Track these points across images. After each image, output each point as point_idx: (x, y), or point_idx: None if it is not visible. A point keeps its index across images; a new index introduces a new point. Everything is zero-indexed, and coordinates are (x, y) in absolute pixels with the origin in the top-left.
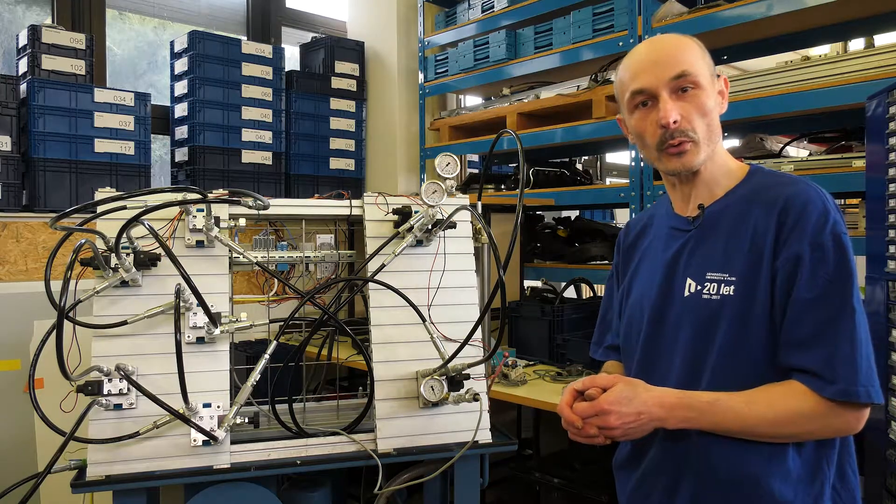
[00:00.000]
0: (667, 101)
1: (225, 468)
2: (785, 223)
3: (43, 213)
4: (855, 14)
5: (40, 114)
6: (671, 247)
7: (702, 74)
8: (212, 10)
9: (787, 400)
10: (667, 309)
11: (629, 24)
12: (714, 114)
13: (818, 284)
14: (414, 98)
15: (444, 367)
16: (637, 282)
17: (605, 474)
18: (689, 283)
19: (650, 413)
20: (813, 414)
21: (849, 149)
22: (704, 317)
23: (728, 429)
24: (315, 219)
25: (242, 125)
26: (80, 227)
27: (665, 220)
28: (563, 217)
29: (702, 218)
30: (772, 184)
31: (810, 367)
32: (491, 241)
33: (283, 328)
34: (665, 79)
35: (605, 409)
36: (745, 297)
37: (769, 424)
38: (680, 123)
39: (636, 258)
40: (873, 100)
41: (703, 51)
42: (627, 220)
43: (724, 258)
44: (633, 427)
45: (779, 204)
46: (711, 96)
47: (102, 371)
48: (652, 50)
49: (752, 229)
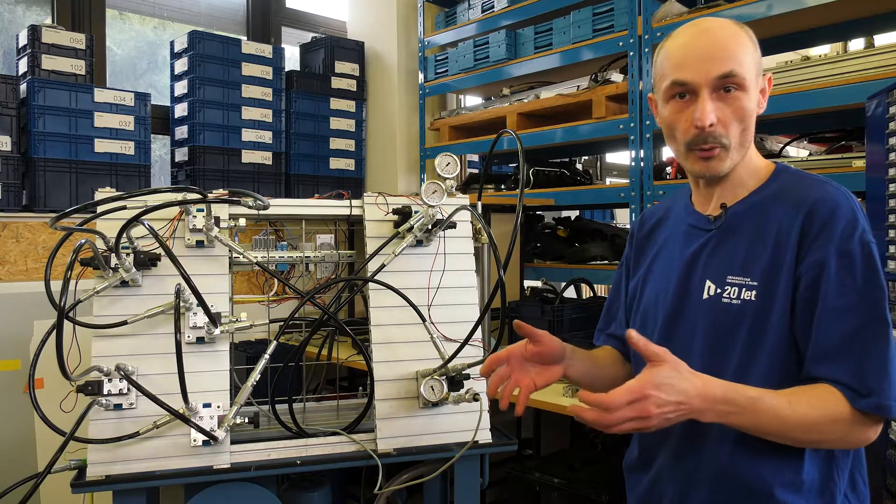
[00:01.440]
0: (706, 100)
1: (225, 468)
2: (811, 228)
3: (43, 213)
4: (855, 14)
5: (40, 114)
6: (690, 246)
7: (748, 74)
8: (212, 10)
9: (828, 403)
10: (683, 310)
11: (629, 24)
12: (752, 117)
13: (847, 293)
14: (414, 98)
15: (444, 367)
16: (652, 278)
17: (605, 474)
18: (707, 286)
19: (690, 404)
20: (845, 422)
21: (849, 149)
22: (723, 322)
23: (765, 428)
24: (315, 219)
25: (242, 125)
26: (80, 227)
27: (683, 217)
28: (563, 217)
29: (724, 218)
30: (798, 185)
31: (840, 379)
32: (491, 241)
33: (283, 328)
34: (711, 76)
35: (646, 394)
36: (766, 302)
37: (807, 427)
38: (715, 127)
39: (651, 253)
40: (873, 100)
41: (755, 45)
42: (643, 211)
43: (745, 262)
44: (671, 417)
45: (804, 207)
46: (753, 98)
47: (102, 371)
48: (701, 39)
49: (776, 233)
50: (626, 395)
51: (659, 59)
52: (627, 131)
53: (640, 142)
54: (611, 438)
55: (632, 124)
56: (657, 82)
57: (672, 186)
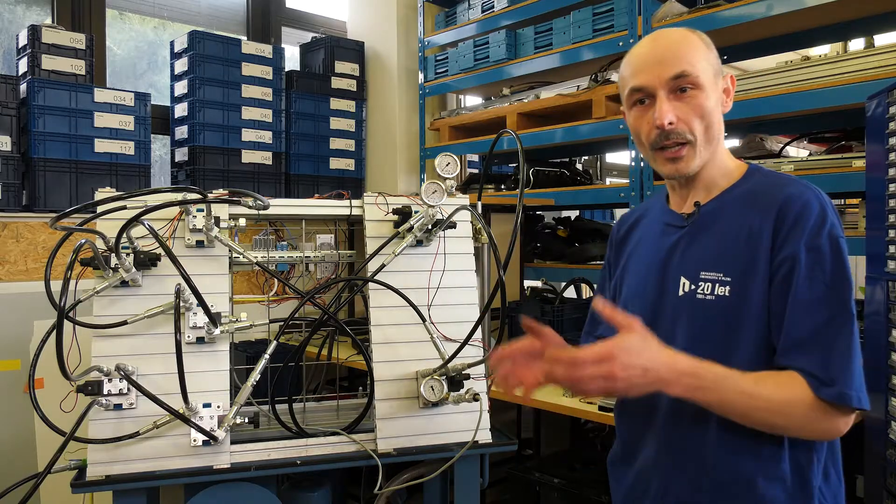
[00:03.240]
0: (663, 101)
1: (225, 468)
2: (783, 224)
3: (43, 213)
4: (855, 14)
5: (40, 114)
6: (664, 243)
7: (703, 73)
8: (212, 10)
9: (793, 387)
10: (660, 308)
11: (629, 24)
12: (714, 115)
13: (816, 287)
14: (414, 98)
15: (444, 367)
16: (628, 277)
17: (605, 474)
18: (682, 282)
19: (657, 372)
20: (808, 408)
21: (849, 149)
22: (700, 317)
23: (731, 406)
24: (315, 219)
25: (242, 125)
26: (80, 227)
27: (659, 216)
28: (563, 217)
29: (697, 215)
30: (770, 184)
31: (807, 368)
32: (491, 241)
33: (283, 328)
34: (664, 78)
35: (613, 354)
36: (740, 297)
37: (771, 408)
38: (676, 125)
39: (626, 252)
40: (873, 100)
41: (709, 47)
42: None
43: (718, 257)
44: (637, 383)
45: (776, 204)
46: (712, 96)
47: (102, 371)
48: (653, 46)
49: (748, 229)
50: (594, 353)
51: (620, 70)
52: (627, 131)
53: None
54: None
55: None
56: (621, 93)
57: None
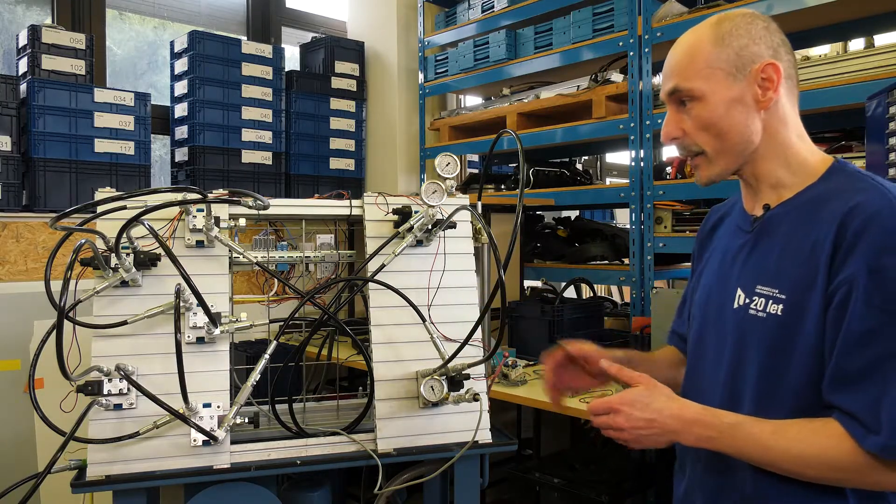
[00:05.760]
0: (668, 115)
1: (225, 468)
2: (844, 239)
3: (43, 213)
4: (855, 14)
5: (40, 114)
6: (730, 248)
7: (701, 83)
8: (212, 10)
9: (819, 439)
10: (716, 320)
11: (629, 24)
12: (726, 121)
13: (872, 315)
14: (414, 98)
15: (444, 367)
16: (704, 278)
17: (605, 474)
18: (738, 294)
19: (664, 424)
20: (845, 464)
21: (849, 149)
22: (747, 336)
23: (749, 457)
24: (315, 219)
25: (242, 125)
26: (80, 227)
27: (737, 215)
28: (563, 217)
29: (761, 221)
30: (843, 188)
31: (851, 410)
32: (491, 241)
33: (283, 328)
34: (665, 94)
35: (615, 408)
36: (793, 319)
37: (792, 461)
38: (681, 139)
39: (709, 250)
40: (873, 100)
41: (718, 45)
42: (713, 206)
43: (776, 270)
44: (644, 434)
45: (840, 214)
46: (719, 105)
47: (102, 371)
48: (668, 57)
49: (812, 241)
50: (602, 406)
51: None
52: (627, 131)
53: (640, 142)
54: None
55: (632, 124)
56: None
57: (672, 186)
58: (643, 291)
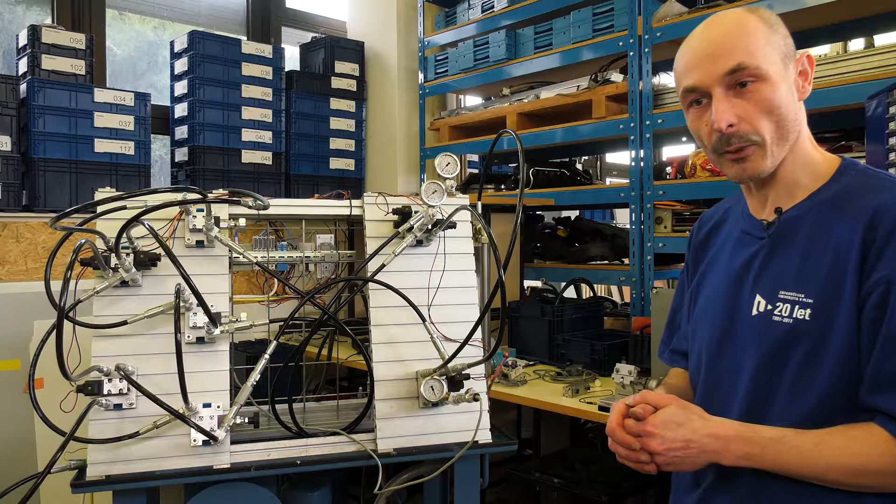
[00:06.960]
0: (720, 100)
1: (225, 468)
2: (874, 240)
3: (43, 213)
4: (855, 14)
5: (40, 114)
6: (741, 255)
7: (766, 60)
8: (212, 10)
9: (865, 446)
10: (731, 328)
11: (629, 24)
12: (787, 107)
13: None
14: (414, 98)
15: (444, 367)
16: (703, 290)
17: (605, 474)
18: (758, 301)
19: (701, 444)
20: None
21: (849, 149)
22: (772, 343)
23: (794, 472)
24: (315, 219)
25: (242, 125)
26: (80, 227)
27: (739, 220)
28: (563, 217)
29: (777, 224)
30: (863, 187)
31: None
32: (491, 241)
33: (283, 328)
34: (718, 74)
35: (649, 432)
36: (822, 323)
37: (840, 472)
38: (738, 126)
39: (706, 260)
40: (873, 100)
41: (771, 28)
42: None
43: (800, 275)
44: (680, 456)
45: (865, 215)
46: (781, 86)
47: (102, 371)
48: (704, 37)
49: (836, 244)
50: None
51: (674, 65)
52: (627, 131)
53: (640, 142)
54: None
55: (632, 124)
56: (677, 90)
57: (672, 186)
58: (643, 291)
